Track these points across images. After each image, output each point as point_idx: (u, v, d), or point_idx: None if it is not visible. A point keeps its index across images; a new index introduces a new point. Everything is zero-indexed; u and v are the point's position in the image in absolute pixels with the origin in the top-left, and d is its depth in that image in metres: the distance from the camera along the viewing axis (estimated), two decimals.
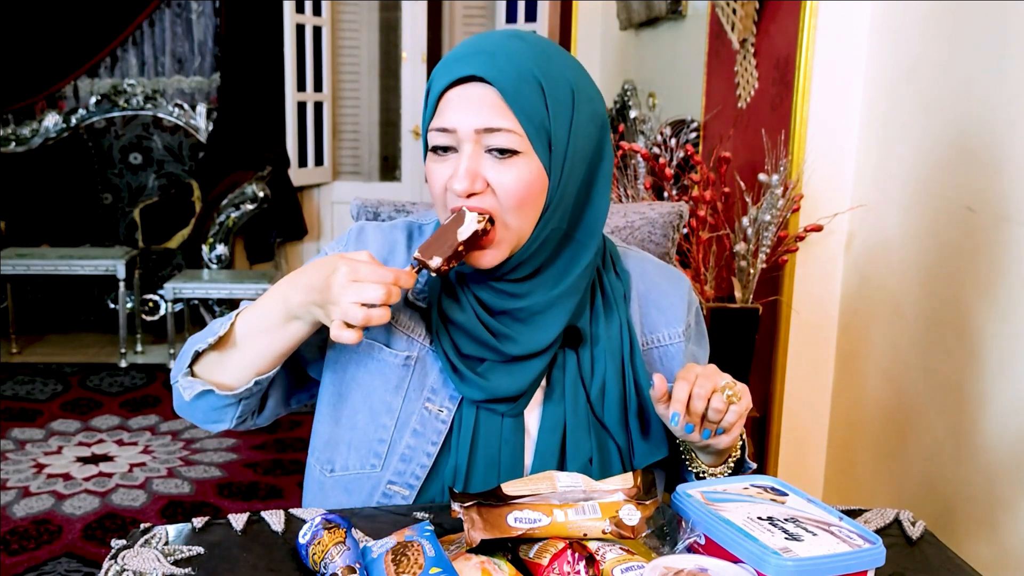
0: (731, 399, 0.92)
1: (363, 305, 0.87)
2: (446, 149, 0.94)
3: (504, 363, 0.99)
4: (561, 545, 0.83)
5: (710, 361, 1.11)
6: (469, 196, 0.92)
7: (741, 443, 1.05)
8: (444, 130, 0.93)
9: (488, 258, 0.94)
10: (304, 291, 0.94)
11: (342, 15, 5.47)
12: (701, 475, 1.04)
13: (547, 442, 1.00)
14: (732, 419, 0.93)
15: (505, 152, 0.91)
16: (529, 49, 0.93)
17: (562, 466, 1.00)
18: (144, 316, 4.32)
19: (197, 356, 1.03)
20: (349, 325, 0.89)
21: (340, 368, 1.05)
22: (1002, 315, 1.54)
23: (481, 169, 0.92)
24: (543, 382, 1.02)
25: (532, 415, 1.02)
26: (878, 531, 0.97)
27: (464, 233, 0.89)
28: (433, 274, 0.91)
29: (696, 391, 0.91)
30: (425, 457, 1.00)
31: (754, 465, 1.07)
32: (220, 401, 1.03)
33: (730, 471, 1.04)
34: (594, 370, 1.01)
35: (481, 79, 0.91)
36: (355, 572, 0.80)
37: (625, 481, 0.90)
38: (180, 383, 1.04)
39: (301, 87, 5.00)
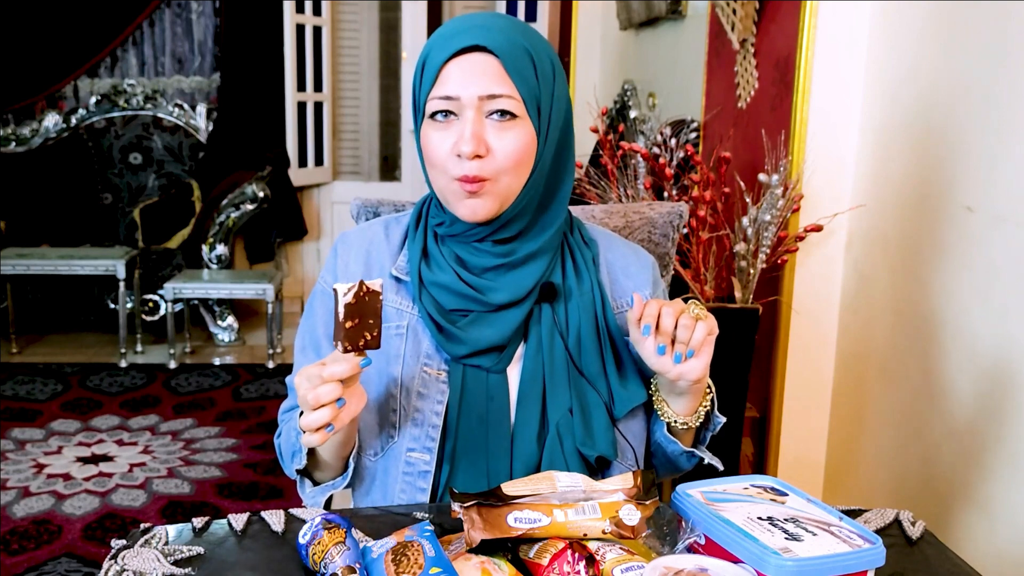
0: (699, 316, 0.97)
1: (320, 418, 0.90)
2: (447, 114, 0.99)
3: (486, 314, 1.04)
4: (561, 545, 0.83)
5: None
6: (474, 158, 0.97)
7: (712, 396, 1.08)
8: (448, 98, 0.98)
9: (481, 209, 1.00)
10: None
11: (342, 15, 5.47)
12: (673, 424, 1.08)
13: (528, 393, 1.05)
14: (700, 336, 0.97)
15: (505, 115, 0.98)
16: (514, 25, 1.02)
17: (544, 417, 1.05)
18: (144, 316, 4.32)
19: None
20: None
21: None
22: (1000, 315, 1.54)
23: (484, 134, 0.98)
24: (522, 340, 1.07)
25: (513, 370, 1.07)
26: (878, 531, 0.97)
27: (340, 312, 0.88)
28: (344, 351, 0.90)
29: (665, 310, 0.97)
30: (435, 417, 1.05)
31: (723, 419, 1.10)
32: (344, 478, 1.07)
33: (699, 422, 1.08)
34: (569, 322, 1.07)
35: (483, 49, 0.97)
36: (355, 572, 0.80)
37: (625, 481, 0.90)
38: (306, 498, 1.09)
39: (301, 87, 5.00)
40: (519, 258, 1.04)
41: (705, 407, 1.07)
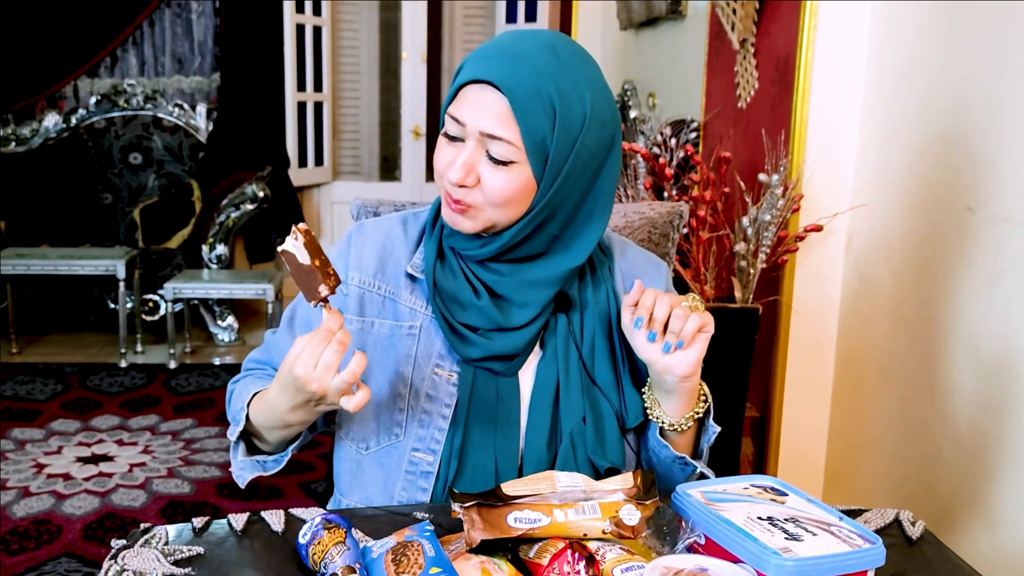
0: (695, 308, 0.97)
1: (338, 372, 0.90)
2: (455, 138, 0.99)
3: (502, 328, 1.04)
4: (561, 545, 0.83)
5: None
6: (460, 186, 0.97)
7: (706, 403, 1.06)
8: (457, 120, 0.98)
9: (460, 224, 1.01)
10: (289, 397, 0.97)
11: (342, 15, 5.47)
12: (663, 426, 1.05)
13: (540, 400, 1.05)
14: (691, 327, 0.96)
15: (500, 162, 0.96)
16: (557, 67, 0.95)
17: (555, 424, 1.04)
18: (144, 316, 4.32)
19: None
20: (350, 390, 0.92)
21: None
22: (1001, 315, 1.54)
23: (477, 165, 0.97)
24: (536, 346, 1.07)
25: (526, 375, 1.06)
26: (878, 531, 0.97)
27: (306, 255, 0.91)
28: (330, 294, 0.92)
29: (661, 299, 0.97)
30: (441, 419, 1.05)
31: (717, 429, 1.07)
32: (277, 463, 1.08)
33: (688, 427, 1.04)
34: (583, 332, 1.06)
35: (497, 87, 0.94)
36: (355, 572, 0.80)
37: (625, 481, 0.90)
38: (234, 467, 1.11)
39: (301, 87, 5.00)
40: (529, 281, 1.03)
41: (697, 413, 1.05)
